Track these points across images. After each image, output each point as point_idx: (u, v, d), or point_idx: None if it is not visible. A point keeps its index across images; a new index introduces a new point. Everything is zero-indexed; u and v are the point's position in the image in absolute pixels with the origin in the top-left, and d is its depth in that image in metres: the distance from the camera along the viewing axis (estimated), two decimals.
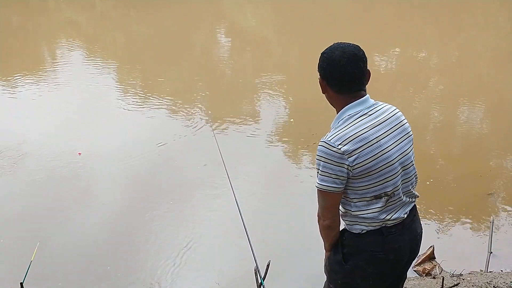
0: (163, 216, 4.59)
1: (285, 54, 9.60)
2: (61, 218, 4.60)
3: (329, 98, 2.23)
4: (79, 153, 5.59)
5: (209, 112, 6.70)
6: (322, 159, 2.10)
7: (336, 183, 2.10)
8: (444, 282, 3.57)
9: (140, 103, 7.20)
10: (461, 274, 3.85)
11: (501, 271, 3.95)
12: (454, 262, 3.98)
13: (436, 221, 4.51)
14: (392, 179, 2.14)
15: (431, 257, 4.03)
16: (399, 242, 2.22)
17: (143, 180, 5.23)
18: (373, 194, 2.13)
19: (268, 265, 2.96)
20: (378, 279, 2.28)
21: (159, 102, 7.17)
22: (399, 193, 2.19)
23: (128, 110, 7.02)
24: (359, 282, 2.27)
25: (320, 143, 2.12)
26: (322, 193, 2.14)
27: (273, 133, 6.27)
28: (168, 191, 5.01)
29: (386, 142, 2.12)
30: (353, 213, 2.18)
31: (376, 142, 2.09)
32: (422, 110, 7.13)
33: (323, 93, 2.24)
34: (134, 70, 8.92)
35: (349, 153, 2.05)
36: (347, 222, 2.24)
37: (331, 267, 2.33)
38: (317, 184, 2.15)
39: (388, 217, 2.18)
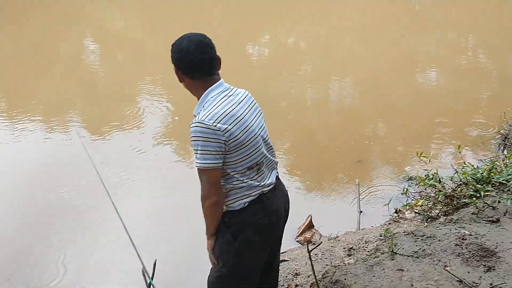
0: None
1: (160, 55, 9.50)
2: None
3: (187, 86, 2.40)
4: None
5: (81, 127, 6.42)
6: (200, 138, 2.22)
7: (217, 159, 2.25)
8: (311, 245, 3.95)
9: (9, 126, 6.48)
10: (337, 236, 4.25)
11: (371, 227, 4.42)
12: (331, 226, 4.37)
13: (311, 191, 4.90)
14: (259, 150, 2.38)
15: (310, 226, 4.39)
16: (276, 204, 2.49)
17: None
18: (246, 166, 2.34)
19: (155, 264, 2.98)
20: (264, 246, 2.51)
21: (32, 124, 6.46)
22: (267, 161, 2.46)
23: None
24: (248, 256, 2.44)
25: (194, 125, 2.24)
26: (205, 171, 2.26)
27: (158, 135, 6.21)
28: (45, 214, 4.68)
29: (249, 117, 2.36)
30: (234, 186, 2.34)
31: (242, 118, 2.31)
32: (299, 90, 7.49)
33: (180, 82, 2.40)
34: None
35: (224, 130, 2.22)
36: (229, 203, 2.39)
37: (221, 250, 2.44)
38: (198, 164, 2.25)
39: (263, 183, 2.41)
